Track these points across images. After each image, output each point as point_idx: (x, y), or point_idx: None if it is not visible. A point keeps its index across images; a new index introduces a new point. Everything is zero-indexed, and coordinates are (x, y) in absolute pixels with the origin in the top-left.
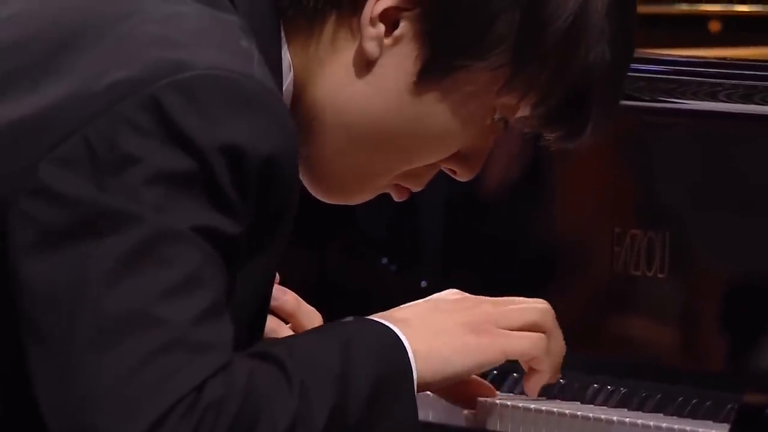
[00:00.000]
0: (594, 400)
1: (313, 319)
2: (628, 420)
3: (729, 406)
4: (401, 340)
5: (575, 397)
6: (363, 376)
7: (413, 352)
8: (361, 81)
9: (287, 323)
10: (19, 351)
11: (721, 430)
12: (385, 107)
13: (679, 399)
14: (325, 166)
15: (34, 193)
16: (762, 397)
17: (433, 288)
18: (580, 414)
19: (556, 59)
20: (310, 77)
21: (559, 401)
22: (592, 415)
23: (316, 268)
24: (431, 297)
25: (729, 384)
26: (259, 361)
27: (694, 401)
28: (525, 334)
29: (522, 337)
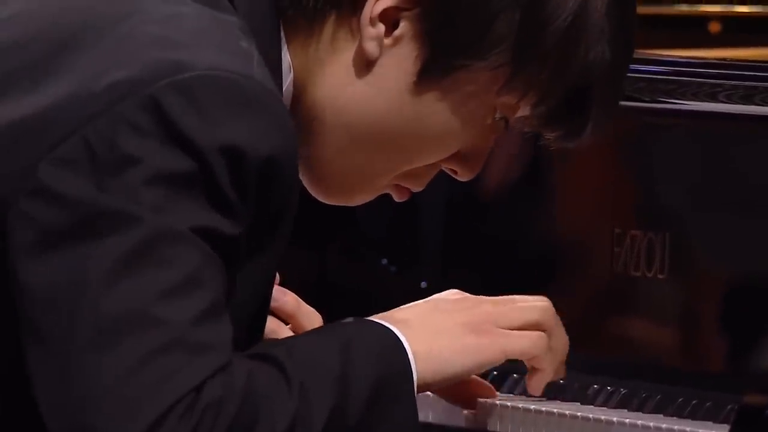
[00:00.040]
0: (594, 401)
1: (313, 320)
2: (628, 421)
3: (729, 407)
4: (401, 341)
5: (575, 397)
6: (363, 377)
7: (413, 353)
8: (361, 81)
9: (287, 324)
10: (18, 351)
11: (721, 430)
12: (385, 107)
13: (679, 400)
14: (326, 166)
15: (33, 194)
16: (762, 397)
17: (433, 288)
18: (580, 415)
19: (556, 59)
20: (310, 77)
21: (559, 402)
22: (592, 415)
23: (316, 269)
24: (431, 297)
25: (729, 385)
26: (258, 362)
27: (694, 402)
28: (525, 333)
29: (522, 336)
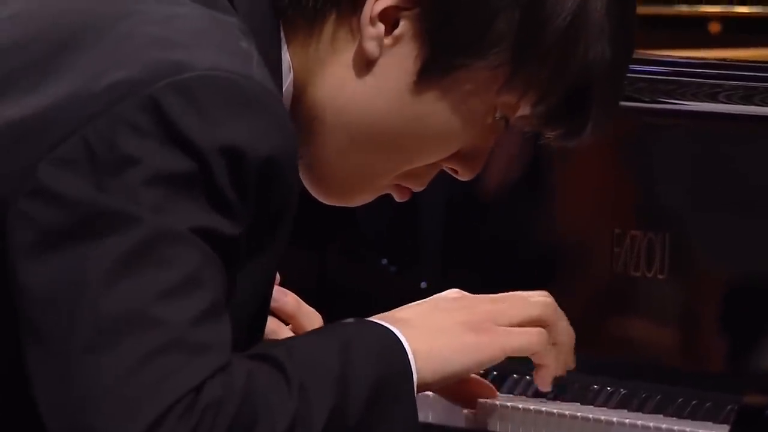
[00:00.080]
0: (594, 401)
1: (313, 321)
2: (627, 421)
3: (729, 407)
4: (401, 342)
5: (575, 398)
6: (362, 377)
7: (413, 352)
8: (361, 81)
9: (288, 325)
10: (18, 351)
11: (721, 431)
12: (385, 107)
13: (679, 400)
14: (326, 166)
15: (33, 194)
16: (762, 398)
17: (433, 288)
18: (580, 415)
19: (556, 58)
20: (310, 78)
21: (558, 402)
22: (592, 416)
23: (317, 270)
24: (432, 297)
25: (729, 385)
26: (258, 363)
27: (694, 402)
28: (524, 330)
29: (521, 333)
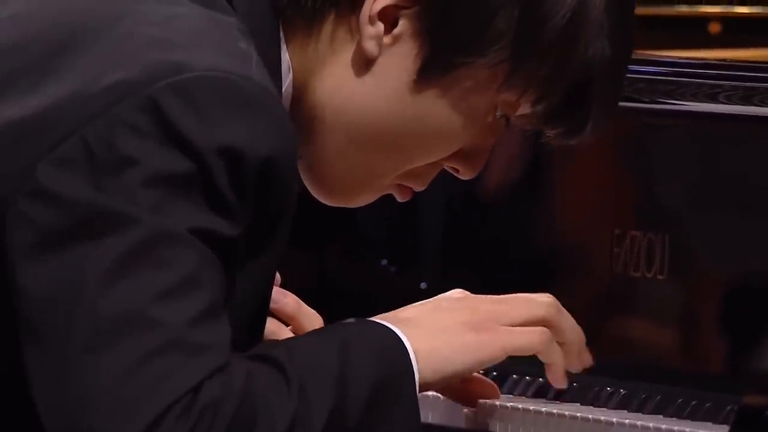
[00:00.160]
0: (594, 402)
1: (313, 322)
2: (627, 421)
3: (729, 408)
4: (402, 342)
5: (575, 398)
6: (362, 377)
7: (414, 351)
8: (361, 80)
9: (288, 326)
10: (17, 351)
11: (721, 431)
12: (385, 106)
13: (679, 400)
14: (326, 167)
15: (32, 194)
16: (762, 398)
17: (433, 289)
18: (580, 415)
19: (556, 55)
20: (310, 78)
21: (558, 402)
22: (592, 416)
23: (316, 270)
24: (435, 297)
25: (729, 385)
26: (257, 363)
27: (694, 403)
28: (526, 329)
29: (522, 333)
